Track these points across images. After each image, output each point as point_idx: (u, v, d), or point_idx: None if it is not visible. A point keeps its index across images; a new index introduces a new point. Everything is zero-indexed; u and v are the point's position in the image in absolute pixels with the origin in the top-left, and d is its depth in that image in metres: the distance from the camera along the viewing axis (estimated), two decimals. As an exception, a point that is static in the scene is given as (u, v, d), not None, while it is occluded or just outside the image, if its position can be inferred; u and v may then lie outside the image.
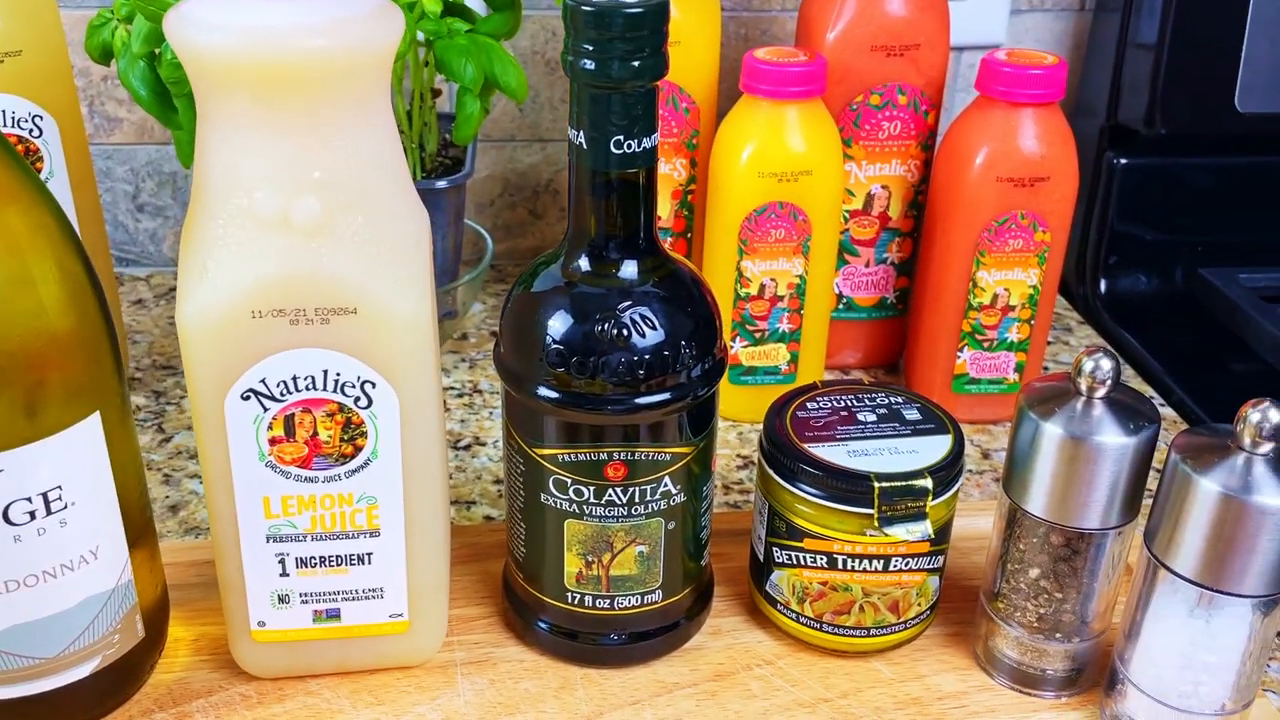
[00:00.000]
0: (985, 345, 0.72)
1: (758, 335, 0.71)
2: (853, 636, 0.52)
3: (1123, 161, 0.86)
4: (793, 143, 0.66)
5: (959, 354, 0.72)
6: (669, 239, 0.73)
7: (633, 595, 0.50)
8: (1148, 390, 0.78)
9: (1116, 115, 0.86)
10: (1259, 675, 0.47)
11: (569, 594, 0.50)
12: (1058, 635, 0.50)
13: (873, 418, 0.53)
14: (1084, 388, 0.47)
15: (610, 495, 0.48)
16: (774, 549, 0.52)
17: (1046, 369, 0.79)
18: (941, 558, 0.52)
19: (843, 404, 0.53)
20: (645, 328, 0.46)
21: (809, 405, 0.53)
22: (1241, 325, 0.80)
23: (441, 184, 0.70)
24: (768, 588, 0.53)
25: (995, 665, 0.52)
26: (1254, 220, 0.88)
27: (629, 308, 0.46)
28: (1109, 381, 0.46)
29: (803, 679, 0.51)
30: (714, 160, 0.69)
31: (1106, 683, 0.50)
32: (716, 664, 0.52)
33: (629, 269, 0.46)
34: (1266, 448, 0.43)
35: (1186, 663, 0.46)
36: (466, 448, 0.69)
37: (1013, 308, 0.71)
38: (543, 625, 0.52)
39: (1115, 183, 0.86)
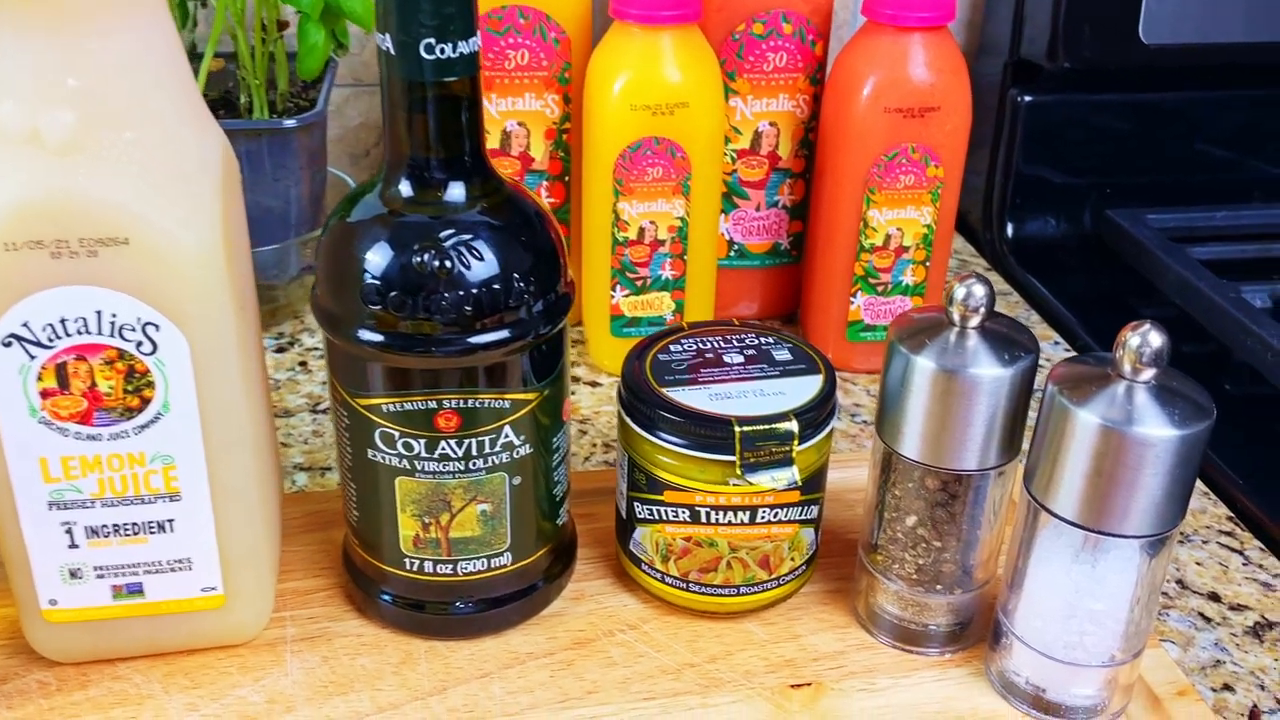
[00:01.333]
0: (879, 290, 0.68)
1: (640, 283, 0.67)
2: (722, 596, 0.48)
3: (1026, 99, 0.82)
4: (667, 73, 0.61)
5: (852, 300, 0.68)
6: (544, 183, 0.69)
7: (478, 559, 0.46)
8: (1053, 337, 0.75)
9: (1019, 51, 0.83)
10: (1149, 622, 0.43)
11: (407, 560, 0.46)
12: (939, 587, 0.46)
13: (739, 360, 0.48)
14: (956, 317, 0.43)
15: (444, 448, 0.43)
16: (635, 504, 0.48)
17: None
18: (815, 508, 0.48)
19: (709, 346, 0.49)
20: (473, 258, 0.41)
21: (672, 349, 0.49)
22: (1149, 268, 0.77)
23: (290, 123, 0.65)
24: (631, 547, 0.49)
25: (876, 623, 0.48)
26: (1162, 159, 0.85)
27: (454, 236, 0.41)
28: (982, 309, 0.43)
29: (668, 643, 0.47)
30: (586, 94, 0.64)
31: (991, 637, 0.46)
32: (576, 631, 0.48)
33: (455, 193, 0.42)
34: (1148, 374, 0.39)
35: (1071, 612, 0.43)
36: (325, 411, 0.64)
37: (906, 249, 0.67)
38: (385, 597, 0.47)
39: (1019, 121, 0.82)
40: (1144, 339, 0.39)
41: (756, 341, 0.50)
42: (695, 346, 0.49)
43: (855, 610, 0.49)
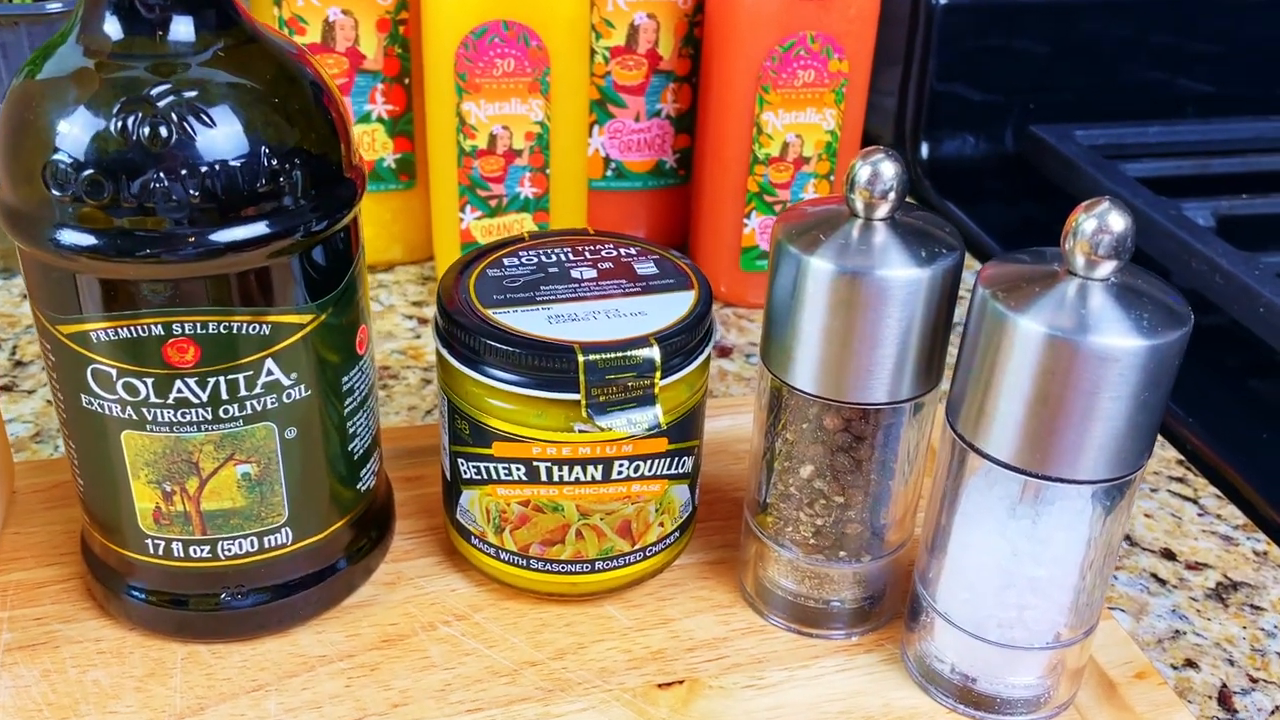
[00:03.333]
0: (777, 209, 0.58)
1: (493, 203, 0.56)
2: (572, 574, 0.37)
3: (942, 2, 0.73)
4: (514, -60, 0.51)
5: (746, 222, 0.59)
6: (379, 85, 0.57)
7: (244, 537, 0.35)
8: (974, 267, 0.66)
9: (933, -54, 0.73)
10: (1103, 590, 0.34)
11: (149, 541, 0.35)
12: (842, 554, 0.37)
13: (592, 274, 0.38)
14: (860, 206, 0.33)
15: (181, 391, 0.32)
16: (459, 461, 0.37)
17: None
18: (689, 460, 0.38)
19: (553, 259, 0.39)
20: (202, 123, 0.30)
21: (506, 263, 0.38)
22: (1080, 188, 0.69)
23: (54, 6, 0.52)
24: (459, 516, 0.38)
25: (767, 600, 0.39)
26: (1090, 69, 0.76)
27: (174, 93, 0.30)
28: (892, 195, 0.33)
29: (505, 637, 0.37)
30: (418, -29, 0.53)
31: (908, 614, 0.37)
32: (387, 625, 0.37)
33: (180, 33, 0.30)
34: (1107, 269, 0.30)
35: (1008, 581, 0.33)
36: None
37: (807, 160, 0.57)
38: (135, 593, 0.36)
39: (934, 29, 0.73)
40: (1102, 222, 0.30)
41: (615, 253, 0.39)
42: (536, 259, 0.39)
43: (742, 586, 0.40)
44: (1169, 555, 0.45)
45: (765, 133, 0.56)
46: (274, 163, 0.31)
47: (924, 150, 0.76)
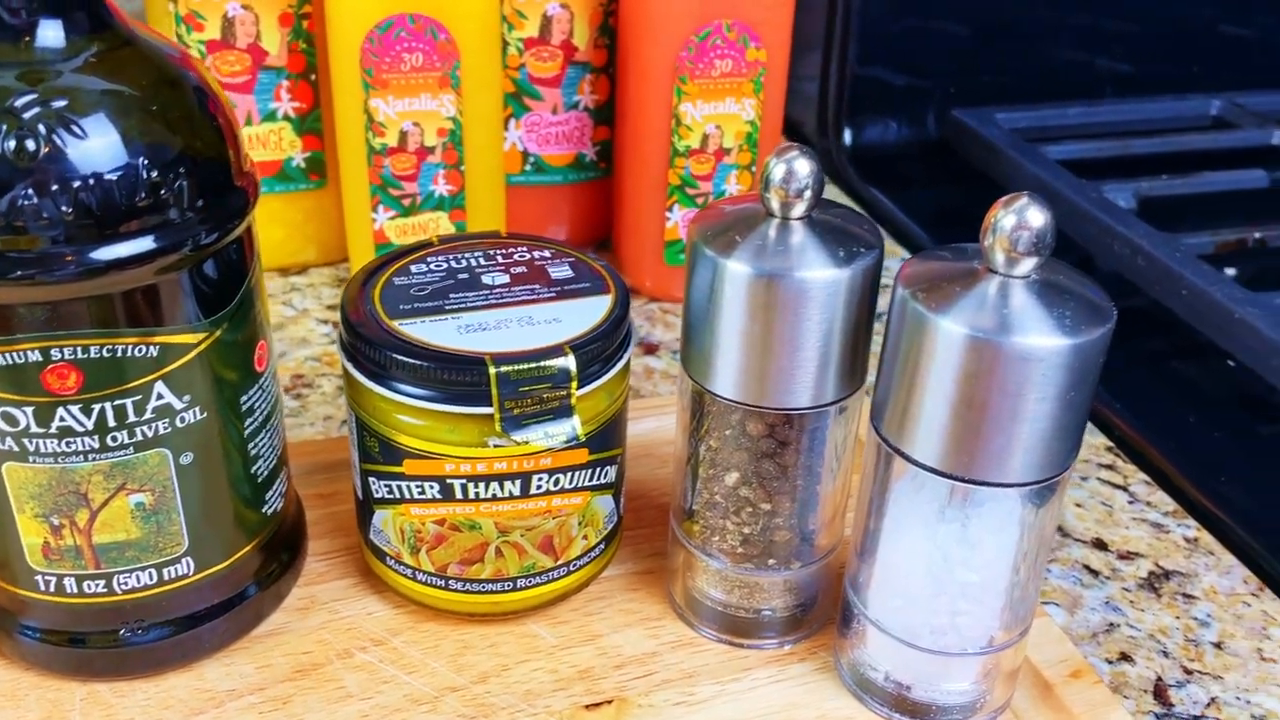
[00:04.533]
0: (699, 201, 0.57)
1: (407, 202, 0.54)
2: (494, 593, 0.36)
3: (861, -13, 0.72)
4: (418, -70, 0.49)
5: (668, 215, 0.57)
6: (284, 82, 0.55)
7: (141, 569, 0.33)
8: (900, 254, 0.65)
9: (851, -69, 0.72)
10: (1036, 591, 0.34)
11: (39, 578, 0.33)
12: (771, 562, 0.36)
13: (504, 280, 0.36)
14: (776, 205, 0.32)
15: (65, 419, 0.30)
16: (371, 480, 0.35)
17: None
18: (612, 470, 0.37)
19: (464, 265, 0.37)
20: (72, 134, 0.28)
21: (413, 270, 0.37)
22: (1002, 171, 0.69)
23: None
24: (373, 536, 0.37)
25: (697, 612, 0.38)
26: (1011, 51, 0.76)
27: (41, 102, 0.28)
28: (808, 193, 0.32)
29: (425, 662, 0.36)
30: (319, -38, 0.51)
31: (840, 620, 0.36)
32: (300, 654, 0.36)
33: (49, 37, 0.28)
34: (1028, 266, 0.29)
35: (939, 587, 0.33)
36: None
37: (728, 151, 0.56)
38: (29, 632, 0.34)
39: (853, 12, 0.72)
40: (1021, 218, 0.29)
41: (529, 257, 0.38)
42: (446, 265, 0.37)
43: (671, 596, 0.39)
44: (1101, 545, 0.44)
45: (684, 124, 0.55)
46: (154, 174, 0.29)
47: (847, 137, 0.75)
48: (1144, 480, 0.48)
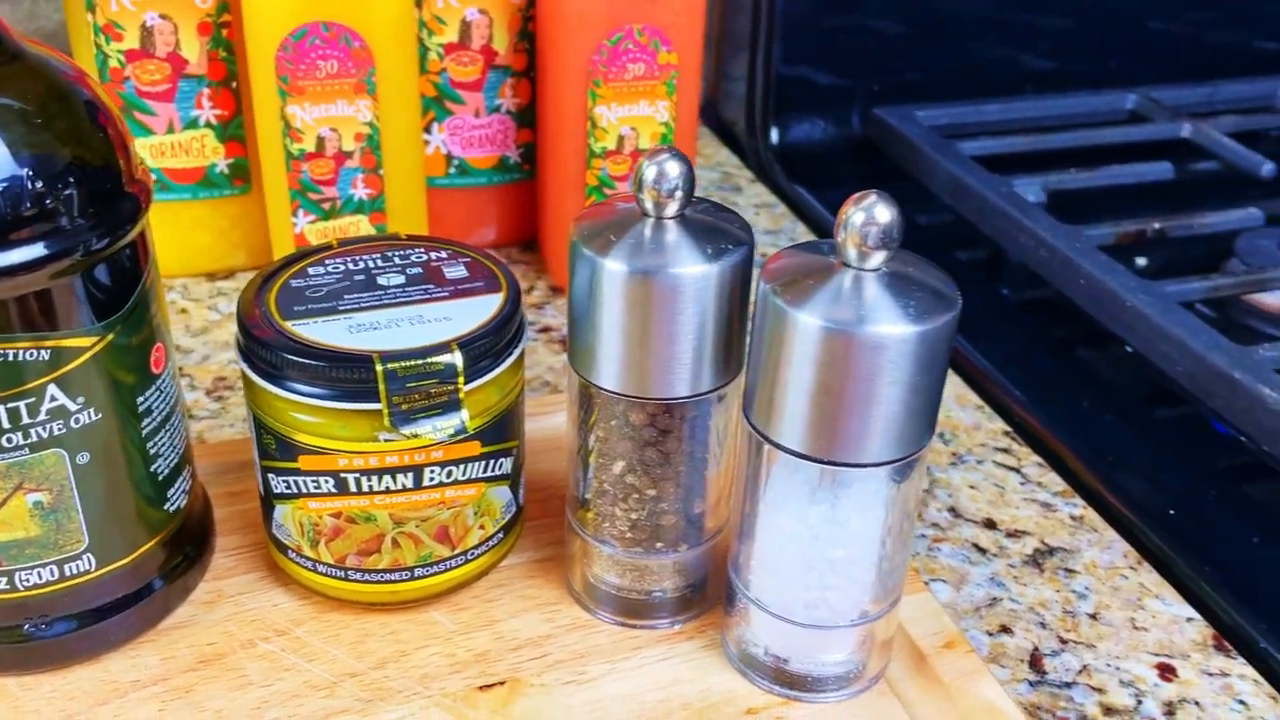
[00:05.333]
0: (617, 200, 0.58)
1: (327, 206, 0.55)
2: (392, 582, 0.37)
3: (783, -13, 0.74)
4: (327, -60, 0.50)
5: (587, 214, 0.59)
6: (204, 90, 0.56)
7: (42, 566, 0.34)
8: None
9: (771, -66, 0.74)
10: (904, 561, 0.36)
11: (-58, 575, 0.34)
12: (659, 545, 0.38)
13: (399, 280, 0.38)
14: (649, 206, 0.34)
15: (-41, 421, 0.31)
16: (270, 476, 0.37)
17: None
18: (508, 462, 0.38)
19: (361, 267, 0.39)
20: (-45, 151, 0.29)
21: (311, 272, 0.38)
22: (920, 167, 0.71)
23: None
24: (275, 531, 0.38)
25: (593, 596, 0.39)
26: (934, 49, 0.78)
27: (-76, 121, 0.29)
28: (679, 193, 0.33)
29: (326, 650, 0.37)
30: (233, -27, 0.52)
31: (725, 600, 0.38)
32: (204, 645, 0.37)
33: (-72, 60, 0.30)
34: (877, 259, 0.31)
35: (810, 564, 0.34)
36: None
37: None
38: (-64, 624, 0.35)
39: (777, 12, 0.74)
40: (869, 214, 0.30)
41: (425, 258, 0.39)
42: (343, 268, 0.38)
43: (569, 583, 0.40)
44: (990, 525, 0.46)
45: (600, 126, 0.56)
46: (39, 184, 0.30)
47: (774, 135, 0.77)
48: (1037, 462, 0.50)
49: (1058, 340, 0.60)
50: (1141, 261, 0.65)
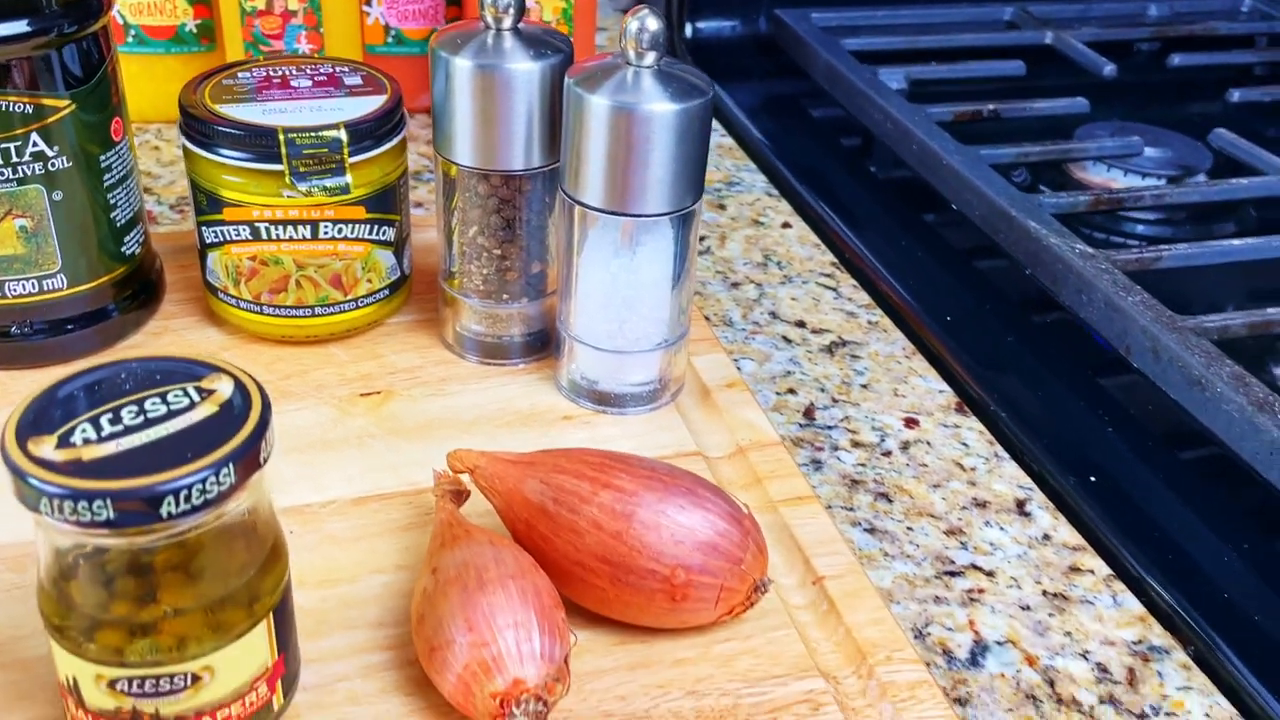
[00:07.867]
0: (525, 66, 0.69)
1: (276, 58, 0.65)
2: (296, 317, 0.48)
3: (699, -105, 0.83)
4: None
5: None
6: (175, -43, 0.66)
7: (25, 279, 0.45)
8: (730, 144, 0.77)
9: None
10: (688, 303, 0.46)
11: (-51, 282, 0.44)
12: (505, 297, 0.48)
13: (307, 84, 0.48)
14: (490, 20, 0.44)
15: (-36, 154, 0.42)
16: (203, 229, 0.47)
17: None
18: (390, 230, 0.49)
19: (279, 74, 0.49)
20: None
21: (240, 75, 0.49)
22: (808, 61, 0.80)
23: None
24: (208, 276, 0.49)
25: (460, 343, 0.50)
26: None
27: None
28: (511, 11, 0.44)
29: (245, 365, 0.47)
30: None
31: (555, 347, 0.49)
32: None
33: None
34: (650, 59, 0.41)
35: (609, 300, 0.45)
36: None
37: (548, 24, 0.68)
38: (-57, 331, 0.46)
39: (691, -81, 0.83)
40: (642, 24, 0.41)
41: (330, 70, 0.50)
42: (265, 74, 0.49)
43: (443, 337, 0.51)
44: (800, 325, 0.57)
45: (511, 0, 0.66)
46: (26, -25, 0.40)
47: (689, 31, 0.87)
48: (853, 285, 0.60)
49: (909, 208, 0.70)
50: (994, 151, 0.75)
